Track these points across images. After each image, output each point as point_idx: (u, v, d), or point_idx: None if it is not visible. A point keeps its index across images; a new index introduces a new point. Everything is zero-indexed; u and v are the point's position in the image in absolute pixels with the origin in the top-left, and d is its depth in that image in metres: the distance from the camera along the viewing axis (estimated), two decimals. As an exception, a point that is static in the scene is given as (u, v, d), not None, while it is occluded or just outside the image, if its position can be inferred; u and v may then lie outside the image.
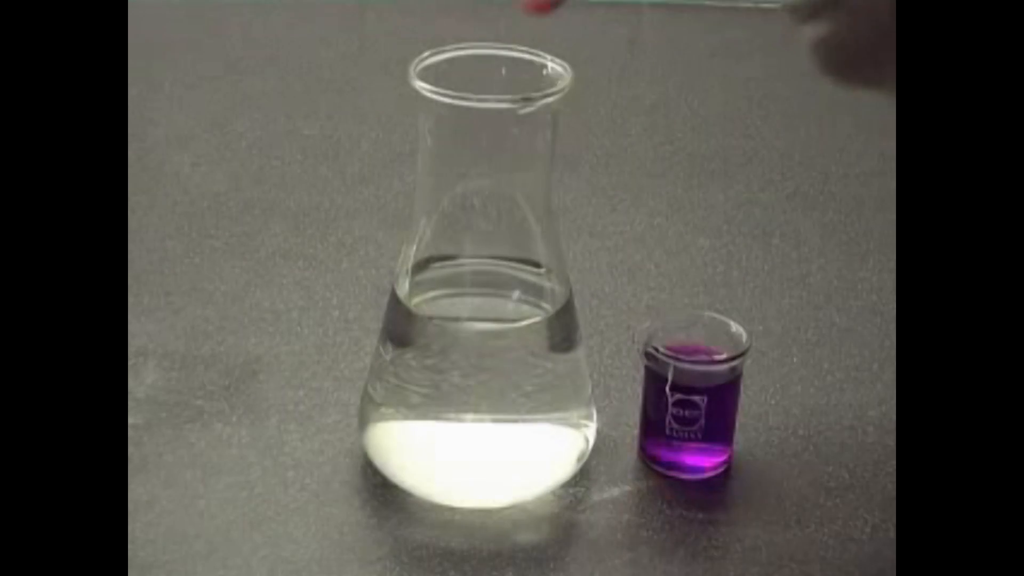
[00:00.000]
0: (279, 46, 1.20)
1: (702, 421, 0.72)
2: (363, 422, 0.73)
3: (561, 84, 0.67)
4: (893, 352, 0.81)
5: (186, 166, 1.00)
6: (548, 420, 0.72)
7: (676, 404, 0.72)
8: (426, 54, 0.68)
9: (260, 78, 1.13)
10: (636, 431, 0.75)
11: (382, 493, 0.72)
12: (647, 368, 0.73)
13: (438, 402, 0.71)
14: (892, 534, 0.70)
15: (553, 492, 0.72)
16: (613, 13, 1.25)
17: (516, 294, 0.71)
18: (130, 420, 0.76)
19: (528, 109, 0.66)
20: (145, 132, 1.03)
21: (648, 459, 0.74)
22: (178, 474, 0.73)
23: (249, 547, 0.69)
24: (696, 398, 0.72)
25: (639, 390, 0.74)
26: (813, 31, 0.65)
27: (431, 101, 0.66)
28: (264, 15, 1.25)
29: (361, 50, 1.19)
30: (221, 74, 1.14)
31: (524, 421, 0.71)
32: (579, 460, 0.73)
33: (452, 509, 0.71)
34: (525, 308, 0.71)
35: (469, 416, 0.70)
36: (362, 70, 1.15)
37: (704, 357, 0.73)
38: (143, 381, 0.79)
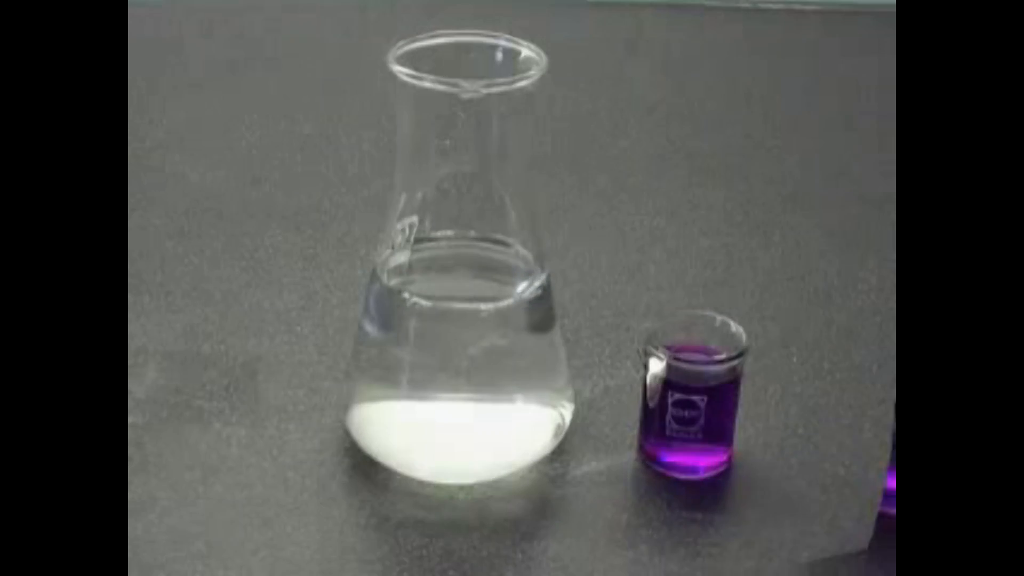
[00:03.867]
0: (279, 46, 1.20)
1: (702, 421, 0.72)
2: (345, 402, 0.74)
3: (535, 69, 0.68)
4: (893, 352, 0.81)
5: (186, 166, 1.00)
6: (525, 399, 0.73)
7: (676, 404, 0.72)
8: (403, 42, 0.69)
9: (260, 78, 1.13)
10: (636, 431, 0.75)
11: (382, 493, 0.72)
12: (647, 368, 0.73)
13: (417, 381, 0.71)
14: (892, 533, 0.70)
15: (551, 485, 0.72)
16: (613, 13, 1.25)
17: (494, 275, 0.72)
18: (130, 420, 0.76)
19: (501, 90, 0.67)
20: (145, 132, 1.03)
21: (648, 459, 0.74)
22: (178, 474, 0.73)
23: (249, 547, 0.69)
24: (696, 398, 0.72)
25: (639, 390, 0.74)
26: None
27: (407, 86, 0.67)
28: (264, 15, 1.24)
29: (361, 50, 1.19)
30: (221, 74, 1.14)
31: (501, 400, 0.72)
32: (555, 437, 0.73)
33: (453, 509, 0.71)
34: (503, 288, 0.72)
35: (447, 395, 0.71)
36: (362, 70, 1.15)
37: (704, 357, 0.73)
38: (143, 381, 0.79)
